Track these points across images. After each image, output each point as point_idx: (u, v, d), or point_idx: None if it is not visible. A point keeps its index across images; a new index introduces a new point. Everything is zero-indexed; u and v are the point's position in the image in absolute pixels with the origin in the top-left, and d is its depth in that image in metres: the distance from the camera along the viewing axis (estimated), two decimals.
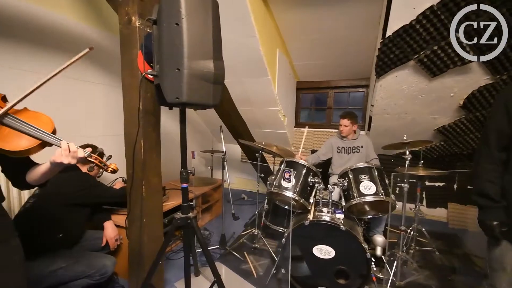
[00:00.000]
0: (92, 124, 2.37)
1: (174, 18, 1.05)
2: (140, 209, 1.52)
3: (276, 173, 2.11)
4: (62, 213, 1.60)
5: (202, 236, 1.45)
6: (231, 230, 2.80)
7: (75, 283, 1.57)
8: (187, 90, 1.11)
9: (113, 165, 0.96)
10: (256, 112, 3.22)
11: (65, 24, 2.05)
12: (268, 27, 2.68)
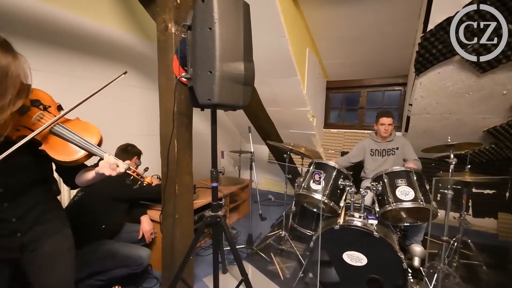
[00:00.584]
0: (131, 125, 2.56)
1: (207, 23, 1.09)
2: (173, 206, 1.60)
3: (305, 174, 2.07)
4: (105, 206, 1.75)
5: (231, 234, 1.48)
6: (258, 230, 2.81)
7: (115, 271, 1.71)
8: (218, 91, 1.14)
9: (148, 178, 1.01)
10: (284, 113, 3.20)
11: (110, 34, 2.24)
12: (298, 26, 2.65)
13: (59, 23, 1.90)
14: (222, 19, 1.10)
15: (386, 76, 3.32)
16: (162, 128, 1.58)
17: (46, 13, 1.82)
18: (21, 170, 0.86)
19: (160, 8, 1.46)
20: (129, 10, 2.38)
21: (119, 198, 1.82)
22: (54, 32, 1.87)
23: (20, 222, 0.88)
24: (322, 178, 1.86)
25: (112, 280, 1.71)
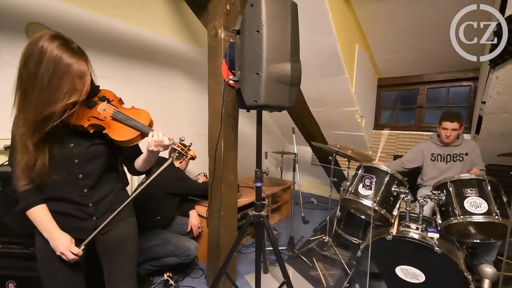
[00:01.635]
0: (181, 125, 2.77)
1: (255, 26, 1.12)
2: (219, 203, 1.67)
3: (352, 178, 1.96)
4: (160, 199, 1.93)
5: (273, 235, 1.48)
6: (300, 233, 2.76)
7: (166, 259, 1.86)
8: (265, 93, 1.16)
9: (192, 152, 1.07)
10: (330, 113, 3.08)
11: (165, 43, 2.47)
12: (347, 22, 2.52)
13: (124, 35, 2.16)
14: (270, 21, 1.11)
15: (451, 70, 2.92)
16: (210, 129, 1.67)
17: (112, 26, 2.09)
18: (96, 158, 1.00)
19: (211, 15, 1.55)
20: (182, 20, 2.59)
21: (172, 192, 1.98)
22: (118, 43, 2.14)
23: (96, 207, 1.03)
24: (373, 183, 1.73)
25: (163, 267, 1.88)
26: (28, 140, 0.84)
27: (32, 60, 0.80)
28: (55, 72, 0.80)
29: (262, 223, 1.40)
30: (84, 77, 0.87)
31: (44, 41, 0.80)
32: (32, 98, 0.81)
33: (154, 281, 1.88)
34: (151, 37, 2.33)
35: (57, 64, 0.80)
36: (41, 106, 0.81)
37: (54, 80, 0.80)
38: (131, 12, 2.19)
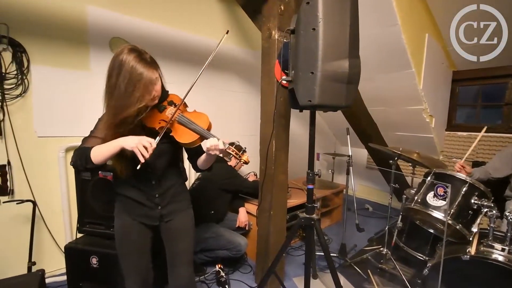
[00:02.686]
0: (233, 125, 2.88)
1: (311, 24, 1.09)
2: (269, 202, 1.69)
3: (418, 186, 1.73)
4: (214, 195, 2.05)
5: (325, 240, 1.42)
6: (352, 241, 2.58)
7: (219, 251, 1.97)
8: (319, 92, 1.12)
9: (245, 157, 1.10)
10: (391, 113, 2.79)
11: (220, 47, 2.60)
12: (415, 10, 2.24)
13: (187, 44, 2.37)
14: (327, 17, 1.07)
15: None
16: (262, 129, 1.70)
17: (177, 36, 2.31)
18: (163, 155, 1.12)
19: (266, 17, 1.58)
20: (237, 26, 2.70)
21: (225, 189, 2.09)
22: (181, 51, 2.34)
23: (161, 198, 1.15)
24: (447, 193, 1.50)
25: (216, 259, 2.00)
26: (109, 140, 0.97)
27: (114, 72, 0.94)
28: (129, 80, 0.93)
29: (313, 227, 1.36)
30: (154, 84, 0.99)
31: (124, 55, 0.94)
32: (112, 104, 0.96)
33: (207, 271, 2.01)
34: (209, 44, 2.50)
35: (131, 74, 0.93)
36: (118, 110, 0.94)
37: (129, 87, 0.93)
38: (193, 23, 2.39)
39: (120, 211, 1.14)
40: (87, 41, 1.89)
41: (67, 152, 1.85)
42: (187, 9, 2.36)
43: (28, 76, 1.71)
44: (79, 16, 1.84)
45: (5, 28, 1.60)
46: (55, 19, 1.76)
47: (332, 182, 3.25)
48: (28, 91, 1.71)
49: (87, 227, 1.63)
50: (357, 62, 1.15)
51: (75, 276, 1.53)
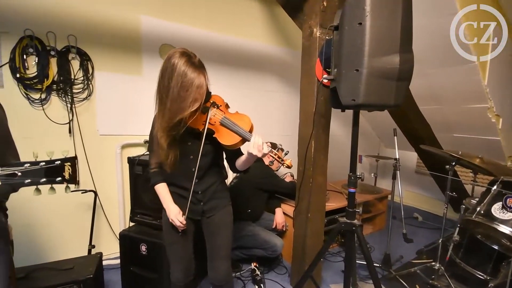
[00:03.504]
0: (270, 125, 2.89)
1: (357, 18, 1.03)
2: (307, 204, 1.65)
3: (482, 195, 1.52)
4: (251, 193, 2.08)
5: (368, 248, 1.33)
6: (398, 251, 2.38)
7: (254, 250, 2.00)
8: (365, 91, 1.06)
9: (288, 161, 1.08)
10: (448, 112, 2.49)
11: (259, 47, 2.64)
12: None
13: (227, 46, 2.45)
14: (375, 10, 1.00)
15: None
16: (301, 129, 1.67)
17: (219, 40, 2.40)
18: (205, 155, 1.17)
19: (307, 15, 1.54)
20: (276, 26, 2.70)
21: (261, 188, 2.11)
22: (222, 53, 2.43)
23: (203, 194, 1.22)
24: None
25: (251, 257, 2.02)
26: (164, 142, 1.06)
27: (167, 75, 1.00)
28: (182, 85, 0.98)
29: (355, 233, 1.29)
30: (203, 87, 1.03)
31: (175, 58, 0.99)
32: (166, 106, 1.01)
33: (242, 268, 2.05)
34: (248, 45, 2.55)
35: (183, 79, 0.98)
36: (173, 114, 1.01)
37: (182, 92, 0.98)
38: (233, 25, 2.46)
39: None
40: (141, 48, 2.08)
41: (122, 149, 2.07)
42: (228, 12, 2.43)
43: (93, 81, 1.94)
44: (134, 25, 2.04)
45: (74, 39, 1.84)
46: (114, 29, 1.97)
47: (374, 186, 3.03)
48: (92, 94, 1.95)
49: (138, 217, 1.79)
50: (409, 57, 1.06)
51: (127, 260, 1.69)
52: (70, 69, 1.86)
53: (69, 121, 1.89)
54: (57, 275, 1.39)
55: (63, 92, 1.85)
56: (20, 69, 1.70)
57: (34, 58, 1.74)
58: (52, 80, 1.79)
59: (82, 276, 1.39)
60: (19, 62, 1.70)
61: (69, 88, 1.85)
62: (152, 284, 1.64)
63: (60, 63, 1.81)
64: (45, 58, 1.76)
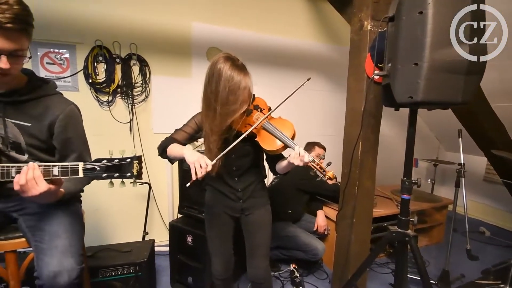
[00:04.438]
0: (312, 125, 2.80)
1: (417, 7, 0.93)
2: (352, 209, 1.56)
3: None
4: (291, 194, 2.05)
5: (423, 262, 1.19)
6: (459, 269, 2.09)
7: (294, 252, 1.97)
8: (425, 87, 0.95)
9: (330, 173, 1.03)
10: None
11: (302, 45, 2.58)
12: None
13: (269, 46, 2.46)
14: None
15: None
16: (347, 129, 1.58)
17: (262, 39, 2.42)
18: (246, 155, 1.20)
19: (357, 8, 1.45)
20: (321, 22, 2.62)
21: (302, 189, 2.06)
22: (266, 54, 2.45)
23: (243, 192, 1.24)
24: None
25: (290, 258, 2.00)
26: (214, 146, 1.09)
27: (213, 80, 1.03)
28: (230, 89, 1.00)
29: (408, 244, 1.17)
30: (248, 90, 1.05)
31: (220, 64, 1.02)
32: (217, 111, 1.04)
33: (281, 268, 2.04)
34: (291, 43, 2.52)
35: (230, 83, 1.00)
36: (224, 117, 1.04)
37: (230, 96, 1.01)
38: (277, 25, 2.47)
39: (210, 200, 1.29)
40: (191, 52, 2.23)
41: None
42: (272, 12, 2.44)
43: (149, 84, 2.15)
44: (186, 32, 2.19)
45: (134, 47, 2.06)
46: (168, 36, 2.14)
47: (431, 194, 2.72)
48: (149, 96, 2.16)
49: (185, 209, 1.92)
50: (483, 47, 0.92)
51: (175, 249, 1.83)
52: (131, 74, 2.08)
53: (130, 120, 2.12)
54: (117, 256, 1.57)
55: (126, 94, 2.08)
56: (92, 75, 1.98)
57: (103, 65, 2.00)
58: (117, 84, 2.04)
59: (138, 259, 1.54)
60: (91, 69, 1.97)
61: (130, 91, 2.09)
62: (197, 273, 1.74)
63: (124, 69, 2.05)
64: (112, 65, 2.01)
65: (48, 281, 0.86)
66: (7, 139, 0.93)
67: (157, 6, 2.08)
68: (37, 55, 1.87)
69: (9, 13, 0.76)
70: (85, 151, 1.09)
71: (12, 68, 0.83)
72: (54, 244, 0.91)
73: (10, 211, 1.02)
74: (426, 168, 3.39)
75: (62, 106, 0.99)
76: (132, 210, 2.21)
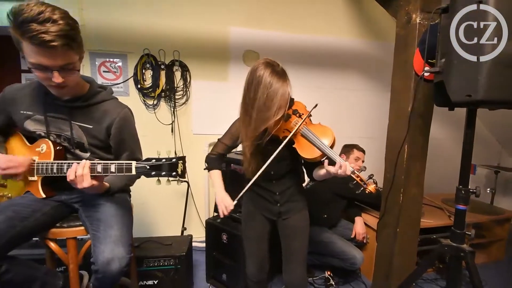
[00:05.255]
0: (350, 127, 2.66)
1: None
2: (396, 218, 1.45)
3: None
4: (328, 198, 1.98)
5: (480, 282, 1.05)
6: None
7: (330, 259, 1.89)
8: (486, 84, 0.85)
9: (371, 187, 0.98)
10: None
11: (341, 43, 2.48)
12: None
13: (307, 46, 2.41)
14: None
15: None
16: (391, 131, 1.47)
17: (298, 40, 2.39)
18: (283, 159, 1.18)
19: (404, 0, 1.35)
20: (358, 16, 2.48)
21: (339, 194, 1.97)
22: (304, 54, 2.41)
23: (280, 196, 1.23)
24: None
25: (326, 265, 1.92)
26: (247, 151, 1.11)
27: (253, 87, 1.03)
28: (268, 96, 1.00)
29: (463, 260, 1.04)
30: (286, 95, 1.03)
31: (260, 70, 1.02)
32: (252, 116, 1.05)
33: (315, 274, 1.98)
34: (330, 42, 2.44)
35: (268, 89, 1.00)
36: (258, 123, 1.04)
37: (267, 102, 1.00)
38: (316, 24, 2.41)
39: (247, 201, 1.31)
40: (228, 57, 2.30)
41: (209, 147, 2.34)
42: (309, 11, 2.40)
43: (190, 88, 2.27)
44: (224, 37, 2.27)
45: (177, 54, 2.20)
46: (207, 42, 2.25)
47: (491, 205, 2.39)
48: (189, 99, 2.29)
49: None
50: None
51: (211, 245, 1.90)
52: (174, 79, 2.23)
53: (172, 122, 2.27)
54: (160, 248, 1.69)
55: (168, 98, 2.24)
56: (140, 81, 2.16)
57: (150, 72, 2.18)
58: (161, 89, 2.20)
59: (178, 253, 1.64)
60: (140, 75, 2.16)
61: (172, 94, 2.23)
62: (231, 271, 1.79)
63: (167, 74, 2.20)
64: (157, 71, 2.17)
65: (102, 267, 0.95)
66: (72, 139, 1.07)
67: (197, 14, 2.19)
68: (95, 64, 2.12)
69: (53, 30, 0.80)
70: (136, 149, 1.19)
71: (67, 81, 0.92)
72: (108, 233, 1.01)
73: (73, 202, 1.17)
74: (485, 175, 2.98)
75: (117, 110, 1.10)
76: (172, 206, 2.35)
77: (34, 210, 1.04)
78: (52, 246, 1.11)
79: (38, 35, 0.79)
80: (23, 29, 0.79)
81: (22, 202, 1.05)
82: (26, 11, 0.79)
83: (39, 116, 1.05)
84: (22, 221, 0.99)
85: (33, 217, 1.02)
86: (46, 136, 1.06)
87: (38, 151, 1.06)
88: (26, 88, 1.07)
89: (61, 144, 1.08)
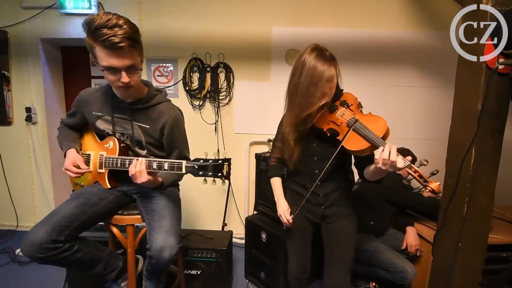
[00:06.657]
0: (403, 127, 2.42)
1: None
2: (458, 230, 1.27)
3: None
4: (375, 204, 1.84)
5: None
6: None
7: (376, 269, 1.75)
8: None
9: (434, 185, 0.82)
10: None
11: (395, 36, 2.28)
12: None
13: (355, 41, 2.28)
14: None
15: None
16: (454, 132, 1.30)
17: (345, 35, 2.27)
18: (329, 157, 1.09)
19: None
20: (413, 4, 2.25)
21: (389, 200, 1.82)
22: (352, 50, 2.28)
23: (325, 198, 1.18)
24: None
25: (372, 276, 1.79)
26: (290, 137, 1.09)
27: (297, 72, 1.01)
28: (312, 80, 0.97)
29: None
30: (332, 81, 0.98)
31: (306, 54, 1.00)
32: (296, 103, 1.04)
33: (359, 284, 1.86)
34: (382, 35, 2.26)
35: (313, 73, 0.96)
36: (301, 109, 1.02)
37: (311, 86, 0.98)
38: (365, 16, 2.27)
39: (289, 201, 1.28)
40: (270, 57, 2.32)
41: (250, 146, 2.39)
42: (354, 3, 2.27)
43: (233, 89, 2.36)
44: (266, 37, 2.29)
45: (222, 56, 2.30)
46: (250, 43, 2.30)
47: None
48: (232, 100, 2.37)
49: (260, 207, 2.00)
50: None
51: (250, 243, 1.93)
52: (218, 81, 2.34)
53: (215, 121, 2.38)
54: (203, 241, 1.78)
55: (213, 99, 2.36)
56: (188, 84, 2.32)
57: (197, 74, 2.33)
58: (207, 90, 2.33)
59: (219, 247, 1.71)
60: (188, 78, 2.32)
61: (216, 95, 2.34)
62: (269, 270, 1.79)
63: (213, 76, 2.32)
64: (203, 73, 2.31)
65: (155, 253, 1.04)
66: (133, 138, 1.20)
67: (241, 17, 2.26)
68: (151, 69, 2.34)
69: (120, 33, 0.91)
70: (185, 148, 1.29)
71: (132, 81, 1.03)
72: (161, 223, 1.11)
73: (132, 193, 1.30)
74: None
75: (171, 112, 1.20)
76: (214, 202, 2.46)
77: (102, 198, 1.19)
78: (115, 231, 1.26)
79: (109, 38, 0.90)
80: (96, 34, 0.92)
81: (92, 190, 1.21)
82: (97, 19, 0.92)
83: (108, 117, 1.19)
84: (92, 207, 1.14)
85: (100, 204, 1.17)
86: (113, 134, 1.21)
87: (106, 147, 1.22)
88: (97, 92, 1.23)
89: (125, 141, 1.22)
